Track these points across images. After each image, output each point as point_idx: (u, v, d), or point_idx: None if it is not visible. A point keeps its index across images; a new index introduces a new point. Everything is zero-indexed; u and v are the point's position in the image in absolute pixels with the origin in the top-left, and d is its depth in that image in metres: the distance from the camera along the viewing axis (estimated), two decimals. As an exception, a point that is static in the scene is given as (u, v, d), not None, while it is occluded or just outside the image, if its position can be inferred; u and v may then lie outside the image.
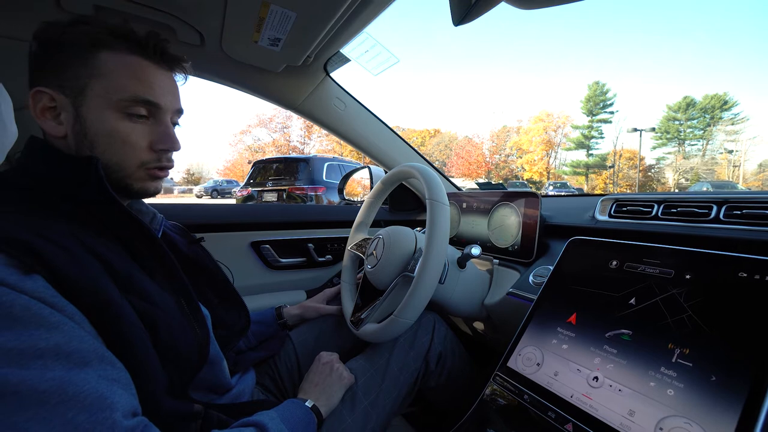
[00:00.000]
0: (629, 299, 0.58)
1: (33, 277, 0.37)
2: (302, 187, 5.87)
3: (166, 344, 0.48)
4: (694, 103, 30.10)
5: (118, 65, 0.49)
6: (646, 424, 0.45)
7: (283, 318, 0.92)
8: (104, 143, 0.49)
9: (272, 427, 0.52)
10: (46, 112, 0.49)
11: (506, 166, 37.73)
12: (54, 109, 0.49)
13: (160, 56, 0.53)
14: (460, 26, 0.68)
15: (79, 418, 0.34)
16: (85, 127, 0.48)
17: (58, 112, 0.49)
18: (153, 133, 0.52)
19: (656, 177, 32.60)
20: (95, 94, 0.48)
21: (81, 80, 0.48)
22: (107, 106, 0.48)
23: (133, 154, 0.51)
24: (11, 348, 0.33)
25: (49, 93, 0.48)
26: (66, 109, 0.48)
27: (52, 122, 0.49)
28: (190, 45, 0.92)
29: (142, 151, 0.52)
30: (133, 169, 0.52)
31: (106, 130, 0.49)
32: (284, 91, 1.14)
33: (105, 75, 0.48)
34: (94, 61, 0.48)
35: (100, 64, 0.48)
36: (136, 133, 0.51)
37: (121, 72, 0.49)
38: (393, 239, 0.85)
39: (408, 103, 72.99)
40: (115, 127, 0.49)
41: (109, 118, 0.49)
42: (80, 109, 0.48)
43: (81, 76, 0.48)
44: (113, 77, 0.48)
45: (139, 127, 0.51)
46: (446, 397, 0.88)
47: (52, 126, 0.49)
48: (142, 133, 0.51)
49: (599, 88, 31.33)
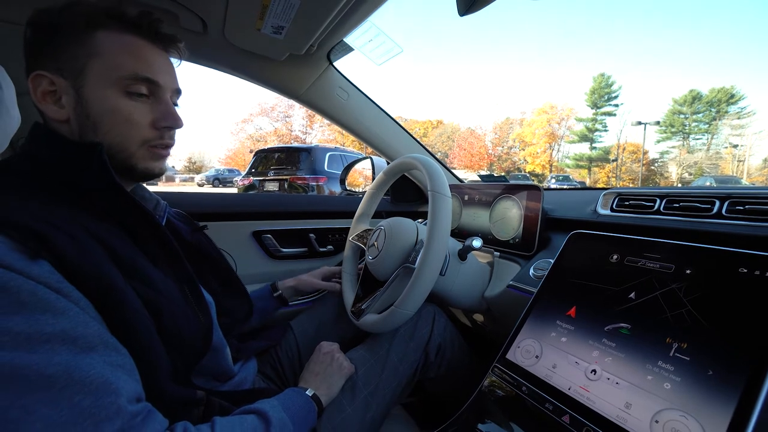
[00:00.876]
0: (629, 293, 0.58)
1: (39, 263, 0.37)
2: (304, 177, 5.86)
3: (170, 331, 0.48)
4: (700, 97, 29.77)
5: (115, 44, 0.48)
6: (642, 416, 0.46)
7: (278, 290, 0.93)
8: (107, 123, 0.49)
9: (273, 415, 0.52)
10: (47, 96, 0.49)
11: (509, 158, 37.55)
12: (54, 93, 0.48)
13: (154, 35, 0.52)
14: (465, 16, 0.68)
15: (85, 402, 0.35)
16: (87, 108, 0.48)
17: (59, 96, 0.48)
18: (154, 111, 0.52)
19: (660, 171, 32.43)
20: (95, 73, 0.48)
21: (79, 60, 0.47)
22: (108, 85, 0.48)
23: (136, 132, 0.51)
24: (19, 332, 0.34)
25: (48, 77, 0.48)
26: (66, 91, 0.48)
27: (53, 106, 0.49)
28: (193, 32, 0.91)
29: (144, 129, 0.51)
30: (136, 148, 0.51)
31: (108, 108, 0.48)
32: (287, 80, 1.13)
33: (103, 54, 0.48)
34: (91, 41, 0.48)
35: (97, 43, 0.48)
36: (138, 111, 0.51)
37: (118, 50, 0.48)
38: (394, 230, 0.85)
39: (411, 94, 72.44)
40: (117, 105, 0.49)
41: (110, 96, 0.48)
42: (81, 90, 0.48)
43: (79, 56, 0.47)
44: (111, 56, 0.48)
45: (140, 105, 0.51)
46: (445, 387, 0.89)
47: (53, 110, 0.49)
48: (143, 112, 0.51)
49: (604, 81, 30.99)
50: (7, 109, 0.56)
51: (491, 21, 65.03)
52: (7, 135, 0.58)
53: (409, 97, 72.25)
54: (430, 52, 71.14)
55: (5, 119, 0.56)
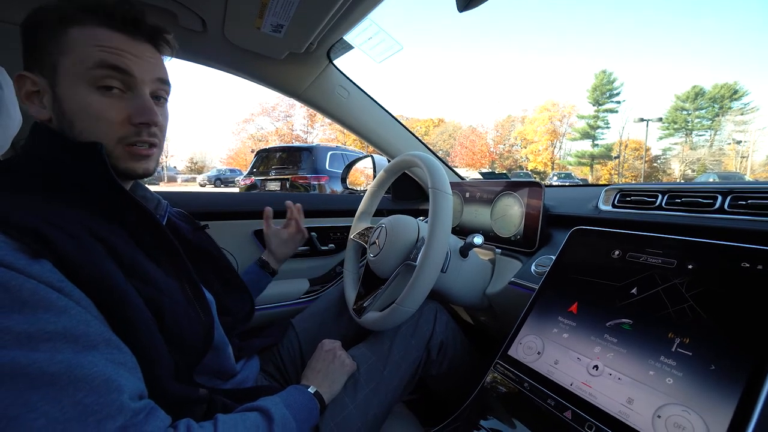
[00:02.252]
0: (631, 289, 0.58)
1: (40, 262, 0.37)
2: (305, 176, 5.87)
3: (172, 329, 0.49)
4: (703, 93, 29.61)
5: (85, 37, 0.47)
6: (645, 411, 0.46)
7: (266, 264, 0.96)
8: (80, 121, 0.48)
9: (276, 412, 0.53)
10: (31, 96, 0.49)
11: (510, 156, 37.48)
12: (38, 93, 0.48)
13: (133, 27, 0.50)
14: (464, 12, 0.67)
15: (88, 399, 0.35)
16: (62, 107, 0.47)
17: (42, 96, 0.48)
18: (129, 107, 0.49)
19: (662, 168, 32.31)
20: (65, 70, 0.47)
21: (52, 58, 0.47)
22: (77, 81, 0.47)
23: (109, 130, 0.49)
24: (21, 331, 0.34)
25: (30, 77, 0.48)
26: (46, 91, 0.48)
27: (36, 106, 0.49)
28: (192, 31, 0.91)
29: (118, 126, 0.49)
30: (112, 146, 0.49)
31: (80, 105, 0.47)
32: (287, 79, 1.13)
33: (73, 49, 0.47)
34: (63, 38, 0.47)
35: (68, 39, 0.47)
36: (111, 106, 0.48)
37: (88, 43, 0.47)
38: (395, 228, 0.85)
39: (412, 92, 72.36)
40: (88, 101, 0.47)
41: (81, 92, 0.47)
42: (56, 88, 0.47)
43: (51, 54, 0.47)
44: (81, 50, 0.47)
45: (113, 101, 0.48)
46: (447, 385, 0.89)
47: (37, 110, 0.49)
48: (117, 107, 0.49)
49: (606, 77, 30.86)
50: (8, 110, 0.57)
51: (491, 18, 64.86)
52: (9, 136, 0.58)
53: (410, 96, 72.26)
54: (431, 49, 71.07)
55: (6, 120, 0.56)
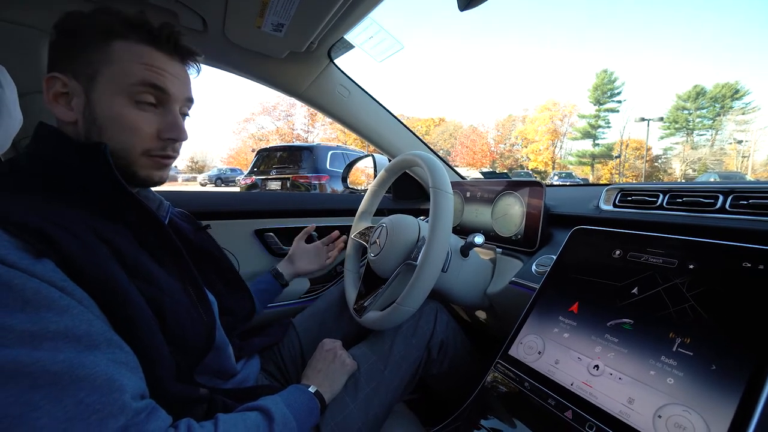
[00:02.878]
0: (632, 289, 0.58)
1: (43, 261, 0.37)
2: (306, 176, 5.88)
3: (173, 329, 0.49)
4: (704, 92, 29.56)
5: (128, 53, 0.49)
6: (645, 411, 0.46)
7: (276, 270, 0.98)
8: (112, 129, 0.49)
9: (276, 412, 0.53)
10: (59, 97, 0.49)
11: (511, 155, 37.47)
12: (66, 95, 0.49)
13: (173, 47, 0.53)
14: (466, 11, 0.67)
15: (90, 398, 0.35)
16: (94, 113, 0.49)
17: (70, 98, 0.49)
18: (161, 122, 0.53)
19: (663, 167, 32.26)
20: (105, 80, 0.49)
21: (93, 66, 0.48)
22: (117, 92, 0.49)
23: (139, 141, 0.51)
24: (23, 330, 0.34)
25: (62, 79, 0.49)
26: (77, 94, 0.49)
27: (63, 108, 0.49)
28: (193, 30, 0.91)
29: (148, 139, 0.52)
30: (137, 156, 0.52)
31: (114, 115, 0.49)
32: (288, 78, 1.13)
33: (116, 62, 0.49)
34: (107, 49, 0.49)
35: (112, 51, 0.49)
36: (144, 120, 0.51)
37: (131, 59, 0.49)
38: (396, 228, 0.85)
39: (413, 91, 72.32)
40: (123, 113, 0.49)
41: (118, 103, 0.49)
42: (91, 94, 0.49)
43: (93, 62, 0.48)
44: (123, 64, 0.49)
45: (147, 114, 0.51)
46: (448, 384, 0.89)
47: (63, 111, 0.49)
48: (149, 121, 0.52)
49: (607, 77, 30.81)
50: (9, 110, 0.57)
51: (492, 17, 64.78)
52: (9, 135, 0.58)
53: (411, 95, 72.22)
54: (432, 49, 71.01)
55: (7, 120, 0.56)
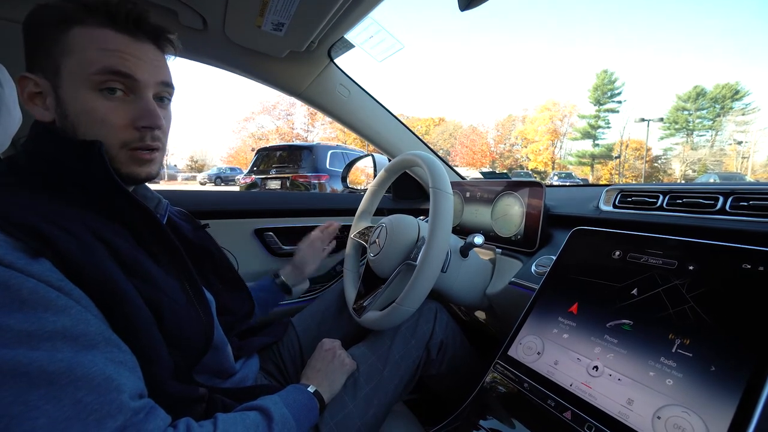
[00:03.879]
0: (631, 290, 0.58)
1: (40, 261, 0.37)
2: (306, 175, 5.87)
3: (171, 329, 0.49)
4: (704, 93, 29.57)
5: (87, 39, 0.46)
6: (644, 412, 0.46)
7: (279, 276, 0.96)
8: (84, 124, 0.47)
9: (275, 411, 0.53)
10: (35, 98, 0.48)
11: (511, 155, 37.48)
12: (41, 95, 0.48)
13: (135, 26, 0.49)
14: (466, 11, 0.67)
15: (88, 398, 0.35)
16: (65, 109, 0.47)
17: (44, 97, 0.47)
18: (133, 110, 0.48)
19: (663, 168, 32.28)
20: (68, 72, 0.46)
21: (54, 59, 0.46)
22: (81, 84, 0.46)
23: (113, 134, 0.48)
24: (20, 330, 0.34)
25: (32, 78, 0.47)
26: (49, 92, 0.47)
27: (39, 108, 0.48)
28: (193, 29, 0.90)
29: (122, 130, 0.48)
30: (116, 151, 0.49)
31: (83, 109, 0.46)
32: (288, 77, 1.13)
33: (75, 51, 0.45)
34: (65, 39, 0.45)
35: (70, 40, 0.45)
36: (114, 110, 0.47)
37: (90, 46, 0.46)
38: (396, 227, 0.85)
39: (413, 91, 72.31)
40: (92, 105, 0.46)
41: (84, 96, 0.46)
42: (58, 90, 0.46)
43: (53, 55, 0.46)
44: (83, 52, 0.45)
45: (116, 104, 0.48)
46: (447, 384, 0.89)
47: (40, 112, 0.48)
48: (120, 111, 0.48)
49: (607, 77, 30.82)
50: (8, 109, 0.56)
51: (493, 17, 64.78)
52: (9, 134, 0.58)
53: (411, 95, 72.21)
54: (432, 48, 71.00)
55: (6, 119, 0.56)
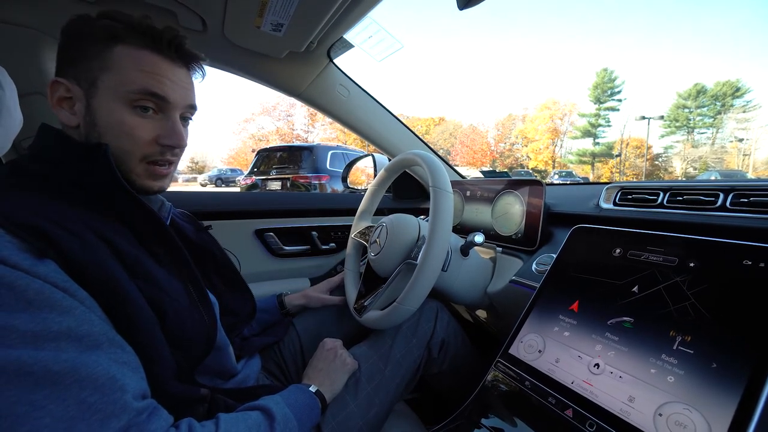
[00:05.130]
0: (632, 287, 0.58)
1: (45, 262, 0.38)
2: (306, 176, 5.87)
3: (174, 330, 0.49)
4: (705, 90, 29.50)
5: (128, 59, 0.49)
6: (646, 409, 0.46)
7: (285, 307, 0.93)
8: (110, 134, 0.50)
9: (277, 411, 0.53)
10: (63, 102, 0.50)
11: (511, 154, 37.47)
12: (70, 100, 0.50)
13: (174, 51, 0.53)
14: (465, 10, 0.67)
15: (92, 398, 0.35)
16: (95, 118, 0.49)
17: (73, 103, 0.50)
18: (160, 128, 0.52)
19: (664, 166, 32.24)
20: (105, 86, 0.49)
21: (93, 72, 0.49)
22: (116, 99, 0.49)
23: (137, 147, 0.51)
24: (26, 330, 0.34)
25: (65, 84, 0.49)
26: (79, 99, 0.50)
27: (66, 112, 0.50)
28: (192, 30, 0.91)
29: (146, 145, 0.52)
30: (135, 163, 0.52)
31: (114, 121, 0.49)
32: (287, 78, 1.13)
33: (115, 68, 0.49)
34: (107, 54, 0.49)
35: (112, 57, 0.49)
36: (143, 126, 0.51)
37: (131, 65, 0.49)
38: (396, 227, 0.85)
39: (412, 91, 72.30)
40: (123, 119, 0.50)
41: (117, 110, 0.49)
42: (91, 100, 0.49)
43: (93, 69, 0.49)
44: (123, 71, 0.49)
45: (146, 121, 0.51)
46: (448, 383, 0.89)
47: (66, 116, 0.50)
48: (148, 127, 0.51)
49: (607, 75, 30.78)
50: (9, 111, 0.57)
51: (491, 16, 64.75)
52: (10, 136, 0.58)
53: (410, 95, 72.19)
54: (432, 48, 70.99)
55: (7, 120, 0.56)
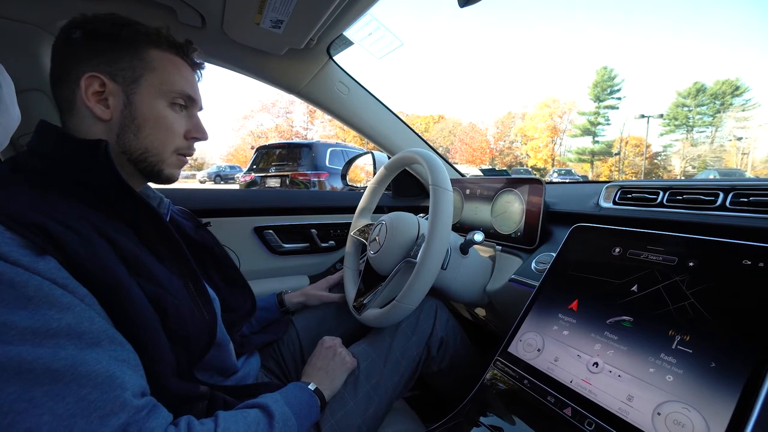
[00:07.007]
0: (631, 286, 0.58)
1: (45, 259, 0.38)
2: (305, 173, 5.86)
3: (175, 327, 0.49)
4: (704, 89, 29.51)
5: (166, 62, 0.56)
6: (644, 408, 0.46)
7: (284, 306, 0.93)
8: (150, 128, 0.54)
9: (276, 409, 0.53)
10: (96, 95, 0.52)
11: (510, 152, 37.47)
12: (102, 94, 0.52)
13: (191, 58, 0.60)
14: (465, 8, 0.67)
15: (92, 395, 0.35)
16: (134, 112, 0.53)
17: (106, 97, 0.52)
18: (188, 124, 0.59)
19: (663, 164, 32.26)
20: (149, 84, 0.54)
21: (137, 71, 0.53)
22: (158, 96, 0.55)
23: (172, 140, 0.57)
24: (25, 327, 0.34)
25: (102, 79, 0.51)
26: (116, 95, 0.52)
27: (100, 106, 0.52)
28: (191, 27, 0.90)
29: (179, 138, 0.58)
30: (168, 154, 0.57)
31: (155, 116, 0.54)
32: (287, 75, 1.12)
33: (157, 69, 0.54)
34: (147, 56, 0.54)
35: (152, 59, 0.54)
36: (177, 121, 0.57)
37: (170, 69, 0.56)
38: (396, 225, 0.85)
39: (412, 88, 72.16)
40: (163, 114, 0.55)
41: (158, 105, 0.55)
42: (132, 96, 0.53)
43: (136, 68, 0.53)
44: (166, 73, 0.55)
45: (178, 117, 0.58)
46: (448, 381, 0.90)
47: (100, 109, 0.52)
48: (181, 123, 0.58)
49: (607, 74, 30.76)
50: (7, 107, 0.56)
51: (492, 13, 64.57)
52: (8, 133, 0.58)
53: (410, 92, 72.05)
54: (432, 45, 70.80)
55: (5, 117, 0.56)
